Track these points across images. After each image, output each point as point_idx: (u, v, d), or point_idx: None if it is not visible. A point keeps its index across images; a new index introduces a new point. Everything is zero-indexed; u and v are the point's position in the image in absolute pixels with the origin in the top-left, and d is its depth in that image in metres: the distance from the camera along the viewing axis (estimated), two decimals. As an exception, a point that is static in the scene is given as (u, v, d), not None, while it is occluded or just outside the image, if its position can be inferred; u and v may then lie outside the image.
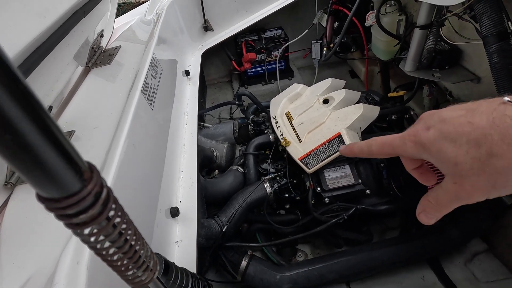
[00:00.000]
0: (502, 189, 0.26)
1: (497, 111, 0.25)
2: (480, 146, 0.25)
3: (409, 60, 0.94)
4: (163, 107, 0.91)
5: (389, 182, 0.88)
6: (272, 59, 1.60)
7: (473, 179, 0.26)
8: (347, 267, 0.84)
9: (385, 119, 1.01)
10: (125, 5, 3.50)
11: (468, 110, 0.26)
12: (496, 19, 0.62)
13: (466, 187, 0.27)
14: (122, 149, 0.59)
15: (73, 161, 0.13)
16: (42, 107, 0.11)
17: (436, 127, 0.28)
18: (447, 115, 0.28)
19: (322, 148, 0.85)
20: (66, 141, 0.13)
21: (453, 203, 0.29)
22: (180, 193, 0.80)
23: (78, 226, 0.15)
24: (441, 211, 0.30)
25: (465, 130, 0.25)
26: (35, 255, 0.43)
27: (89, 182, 0.14)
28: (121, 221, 0.17)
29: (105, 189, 0.15)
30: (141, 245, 0.20)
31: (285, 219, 0.95)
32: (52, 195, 0.13)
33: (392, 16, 1.07)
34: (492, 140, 0.24)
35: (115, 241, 0.18)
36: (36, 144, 0.11)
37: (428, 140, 0.28)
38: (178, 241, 0.70)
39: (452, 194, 0.28)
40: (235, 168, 1.06)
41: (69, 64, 0.77)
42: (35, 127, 0.11)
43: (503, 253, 0.89)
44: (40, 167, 0.12)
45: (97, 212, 0.15)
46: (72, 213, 0.14)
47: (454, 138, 0.26)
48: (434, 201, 0.30)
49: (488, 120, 0.25)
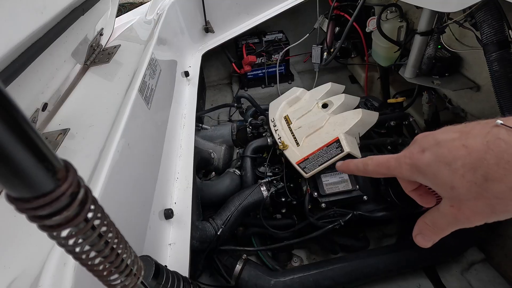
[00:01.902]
0: (502, 213, 0.26)
1: (490, 134, 0.24)
2: (476, 170, 0.25)
3: (409, 67, 0.94)
4: (161, 107, 0.90)
5: (386, 188, 0.87)
6: (273, 63, 1.60)
7: (471, 203, 0.26)
8: (343, 274, 0.83)
9: (384, 125, 1.00)
10: (127, 5, 3.51)
11: (462, 133, 0.26)
12: (497, 27, 0.62)
13: (464, 211, 0.27)
14: (116, 148, 0.58)
15: (46, 159, 0.12)
16: (9, 98, 0.10)
17: (431, 150, 0.27)
18: (441, 138, 0.27)
19: (320, 153, 0.84)
20: (37, 137, 0.12)
21: (451, 226, 0.29)
22: (175, 195, 0.79)
23: (52, 229, 0.14)
24: (438, 234, 0.30)
25: (460, 153, 0.25)
26: (21, 255, 0.42)
27: (64, 182, 0.13)
28: (101, 223, 0.17)
29: (82, 189, 0.14)
30: (123, 249, 0.19)
31: (281, 223, 0.94)
32: (22, 195, 0.12)
33: (393, 22, 1.07)
34: (487, 164, 0.24)
35: (95, 245, 0.17)
36: (3, 140, 0.10)
37: (423, 164, 0.28)
38: (171, 243, 0.68)
39: (450, 217, 0.28)
40: (232, 171, 1.05)
41: (66, 62, 0.76)
42: (2, 122, 0.10)
43: (500, 263, 0.88)
44: (8, 165, 0.11)
45: (73, 213, 0.14)
46: (44, 215, 0.13)
47: (449, 161, 0.26)
48: (431, 224, 0.29)
49: (483, 144, 0.24)
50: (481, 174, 0.24)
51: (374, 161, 0.32)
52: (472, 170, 0.25)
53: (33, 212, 0.13)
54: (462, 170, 0.25)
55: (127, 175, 0.61)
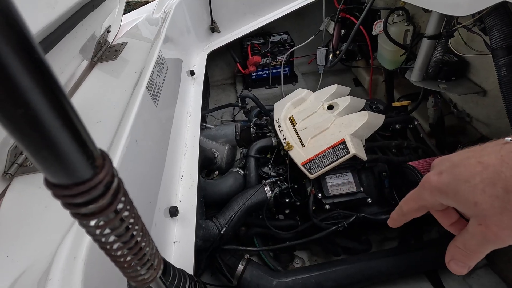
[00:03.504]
0: None
1: (504, 149, 0.25)
2: (495, 184, 0.25)
3: (416, 70, 0.94)
4: (167, 105, 0.90)
5: (390, 191, 0.87)
6: (277, 63, 1.60)
7: (497, 218, 0.25)
8: (345, 276, 0.83)
9: (389, 127, 1.00)
10: (132, 3, 3.52)
11: (475, 152, 0.27)
12: (506, 32, 0.62)
13: (492, 228, 0.26)
14: (124, 145, 0.58)
15: (86, 146, 0.12)
16: (58, 83, 0.10)
17: (448, 171, 0.28)
18: (456, 158, 0.28)
19: (325, 154, 0.84)
20: (80, 123, 0.12)
21: (483, 247, 0.28)
22: (180, 193, 0.79)
23: (86, 217, 0.14)
24: (471, 258, 0.29)
25: (477, 170, 0.26)
26: (31, 248, 0.42)
27: (101, 170, 0.13)
28: (129, 215, 0.17)
29: (116, 179, 0.14)
30: (147, 242, 0.19)
31: (284, 224, 0.94)
32: (61, 181, 0.12)
33: (399, 26, 1.07)
34: (505, 177, 0.24)
35: (121, 236, 0.17)
36: (50, 122, 0.10)
37: (442, 184, 0.28)
38: (176, 241, 0.68)
39: (479, 237, 0.27)
40: (235, 171, 1.05)
41: (75, 57, 0.76)
42: (50, 104, 0.10)
43: (503, 269, 0.88)
44: (51, 149, 0.11)
45: (106, 203, 0.14)
46: (81, 202, 0.13)
47: (467, 178, 0.26)
48: (462, 247, 0.29)
49: (497, 158, 0.25)
50: (501, 187, 0.24)
51: (404, 201, 0.33)
52: (492, 184, 0.25)
53: (71, 199, 0.13)
54: (481, 185, 0.25)
55: (134, 172, 0.61)
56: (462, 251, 0.29)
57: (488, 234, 0.26)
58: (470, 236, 0.28)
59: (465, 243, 0.28)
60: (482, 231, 0.27)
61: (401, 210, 0.33)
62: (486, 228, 0.26)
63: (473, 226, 0.27)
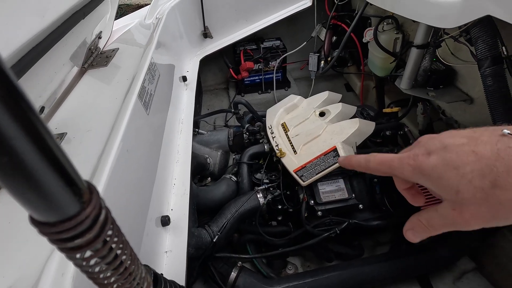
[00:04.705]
0: (502, 220, 0.26)
1: (501, 142, 0.25)
2: (484, 177, 0.25)
3: (405, 78, 0.96)
4: (159, 112, 0.90)
5: (382, 197, 0.88)
6: (270, 69, 1.61)
7: (474, 208, 0.26)
8: (337, 282, 0.83)
9: (380, 134, 1.02)
10: (124, 6, 3.49)
11: (471, 139, 0.26)
12: (491, 43, 0.64)
13: (464, 215, 0.27)
14: (115, 155, 0.57)
15: (73, 183, 0.12)
16: (42, 124, 0.10)
17: (438, 153, 0.27)
18: (449, 142, 0.27)
19: (317, 161, 0.85)
20: (66, 161, 0.12)
21: (446, 228, 0.29)
22: (172, 201, 0.78)
23: (73, 251, 0.14)
24: (430, 233, 0.30)
25: (470, 159, 0.26)
26: (18, 263, 0.41)
27: (88, 205, 0.13)
28: (118, 242, 0.16)
29: (103, 211, 0.14)
30: (135, 268, 0.19)
31: (277, 230, 0.94)
32: (47, 219, 0.12)
33: (389, 34, 1.09)
34: (497, 171, 0.24)
35: (110, 264, 0.16)
36: (35, 165, 0.10)
37: (428, 166, 0.28)
38: (168, 251, 0.68)
39: (448, 220, 0.28)
40: (228, 177, 1.05)
41: (65, 65, 0.75)
42: (35, 149, 0.10)
43: (492, 272, 0.90)
44: (37, 190, 0.11)
45: (93, 235, 0.14)
46: (67, 238, 0.13)
47: (457, 166, 0.26)
48: (425, 222, 0.30)
49: (493, 152, 0.25)
50: (489, 181, 0.25)
51: (377, 158, 0.32)
52: (481, 176, 0.25)
53: (57, 236, 0.12)
54: (470, 176, 0.26)
55: (125, 182, 0.60)
56: (423, 226, 0.30)
57: (459, 220, 0.28)
58: (439, 216, 0.29)
59: (430, 220, 0.30)
60: (454, 216, 0.28)
61: (367, 165, 0.33)
62: (459, 214, 0.27)
63: (445, 209, 0.28)
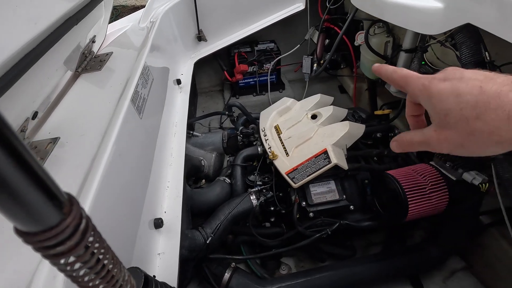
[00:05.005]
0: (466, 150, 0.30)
1: (507, 86, 0.27)
2: (475, 109, 0.27)
3: (395, 81, 0.97)
4: (152, 116, 0.91)
5: (372, 198, 0.90)
6: (264, 71, 1.62)
7: (450, 132, 0.30)
8: (330, 283, 0.85)
9: (371, 136, 1.04)
10: (119, 8, 3.49)
11: (486, 77, 0.28)
12: (475, 49, 0.66)
13: (440, 137, 0.31)
14: (108, 159, 0.58)
15: (54, 196, 0.14)
16: (21, 143, 0.11)
17: (452, 81, 0.30)
18: (466, 74, 0.30)
19: (309, 164, 0.86)
20: (46, 176, 0.13)
21: (422, 145, 0.33)
22: (165, 204, 0.79)
23: (56, 257, 0.15)
24: (409, 148, 0.35)
25: (473, 91, 0.28)
26: (10, 267, 0.42)
27: (68, 215, 0.14)
28: (99, 248, 0.18)
29: (84, 220, 0.15)
30: (118, 271, 0.20)
31: (270, 232, 0.95)
32: (30, 229, 0.13)
33: (380, 37, 1.11)
34: (487, 107, 0.27)
35: (93, 268, 0.18)
36: (18, 184, 0.11)
37: (437, 89, 0.30)
38: (161, 253, 0.69)
39: (426, 138, 0.32)
40: (222, 179, 1.06)
41: (58, 70, 0.76)
42: (18, 169, 0.11)
43: (480, 271, 0.92)
44: (20, 204, 0.12)
45: (74, 243, 0.15)
46: (49, 246, 0.14)
47: (459, 94, 0.28)
48: (409, 138, 0.35)
49: (496, 91, 0.27)
50: (476, 113, 0.27)
51: (401, 72, 0.35)
52: (472, 107, 0.27)
53: (40, 244, 0.14)
54: (464, 105, 0.28)
55: (117, 185, 0.62)
56: (405, 141, 0.35)
57: (433, 140, 0.31)
58: (420, 134, 0.33)
59: (413, 137, 0.34)
60: (431, 135, 0.31)
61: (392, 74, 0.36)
62: (436, 135, 0.31)
63: (428, 129, 0.32)
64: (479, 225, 0.87)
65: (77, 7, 0.75)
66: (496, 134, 0.27)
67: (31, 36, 0.55)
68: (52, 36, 0.61)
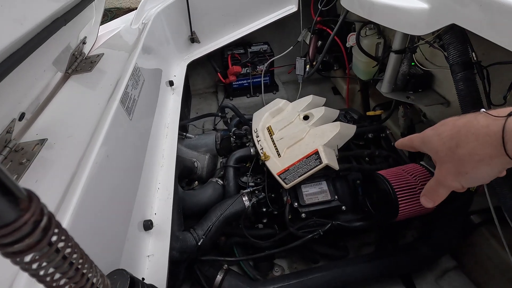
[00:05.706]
0: (464, 174, 0.36)
1: (473, 116, 0.34)
2: (453, 139, 0.35)
3: (385, 82, 0.98)
4: (143, 117, 0.90)
5: (363, 199, 0.90)
6: (257, 73, 1.63)
7: (446, 165, 0.37)
8: (322, 283, 0.84)
9: (363, 137, 1.04)
10: (114, 10, 3.49)
11: (460, 116, 0.38)
12: (462, 49, 0.67)
13: (442, 171, 0.38)
14: (94, 160, 0.58)
15: (8, 192, 0.13)
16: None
17: (435, 127, 0.40)
18: (447, 120, 0.39)
19: (300, 164, 0.86)
20: (1, 172, 0.13)
21: (438, 188, 0.40)
22: (156, 206, 0.79)
23: (15, 255, 0.14)
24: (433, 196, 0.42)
25: (448, 128, 0.37)
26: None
27: (26, 212, 0.14)
28: (65, 245, 0.17)
29: (45, 217, 0.15)
30: (88, 269, 0.20)
31: (263, 233, 0.95)
32: (-16, 225, 0.13)
33: (371, 38, 1.12)
34: (460, 135, 0.34)
35: (59, 267, 0.17)
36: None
37: (427, 136, 0.41)
38: (150, 255, 0.68)
39: (436, 179, 0.40)
40: (214, 181, 1.05)
41: (46, 71, 0.76)
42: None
43: (471, 270, 0.92)
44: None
45: (35, 240, 0.14)
46: (6, 243, 0.14)
47: (440, 133, 0.38)
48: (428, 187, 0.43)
49: (465, 123, 0.35)
50: (455, 142, 0.35)
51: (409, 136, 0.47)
52: (451, 139, 0.36)
53: (-4, 241, 0.13)
54: (445, 139, 0.37)
55: (105, 187, 0.61)
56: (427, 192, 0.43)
57: (440, 177, 0.39)
58: (434, 180, 0.41)
59: (431, 185, 0.42)
60: (438, 174, 0.39)
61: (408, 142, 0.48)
62: (440, 172, 0.38)
63: (436, 172, 0.40)
64: (470, 224, 0.88)
65: (66, 7, 0.74)
66: (474, 154, 0.33)
67: (16, 36, 0.54)
68: (39, 36, 0.61)
